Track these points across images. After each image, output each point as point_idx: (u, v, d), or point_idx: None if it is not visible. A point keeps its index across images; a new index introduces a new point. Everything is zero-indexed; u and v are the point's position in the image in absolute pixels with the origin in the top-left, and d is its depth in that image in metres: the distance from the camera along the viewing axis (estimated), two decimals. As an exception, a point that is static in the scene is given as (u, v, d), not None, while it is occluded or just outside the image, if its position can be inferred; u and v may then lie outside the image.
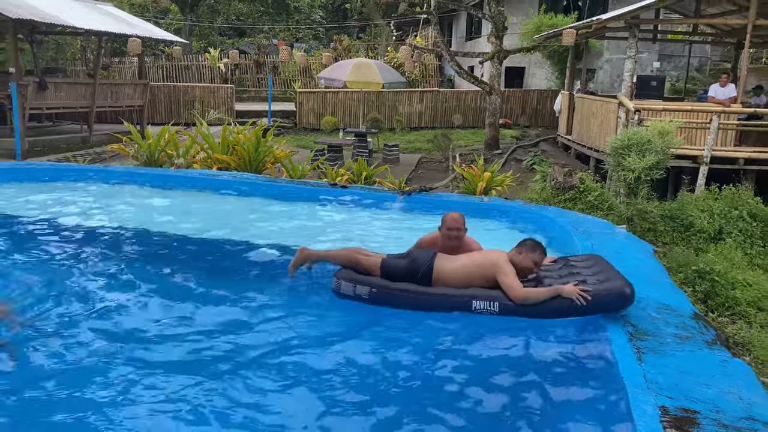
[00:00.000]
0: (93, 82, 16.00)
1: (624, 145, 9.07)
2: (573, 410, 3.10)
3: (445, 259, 4.33)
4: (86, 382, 3.24)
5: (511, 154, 15.72)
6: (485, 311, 4.10)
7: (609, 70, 22.62)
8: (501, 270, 4.14)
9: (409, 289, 4.26)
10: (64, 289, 4.50)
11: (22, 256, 5.23)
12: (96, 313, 4.15)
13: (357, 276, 4.40)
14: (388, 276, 4.34)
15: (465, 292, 4.18)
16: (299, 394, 3.24)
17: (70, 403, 3.08)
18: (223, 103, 20.49)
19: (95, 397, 3.12)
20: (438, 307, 4.18)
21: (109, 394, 3.15)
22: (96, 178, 8.56)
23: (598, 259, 4.51)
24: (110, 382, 3.25)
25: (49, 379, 3.27)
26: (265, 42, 30.05)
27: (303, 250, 4.71)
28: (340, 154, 13.78)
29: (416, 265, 4.30)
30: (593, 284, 4.03)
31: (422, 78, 25.21)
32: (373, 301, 4.29)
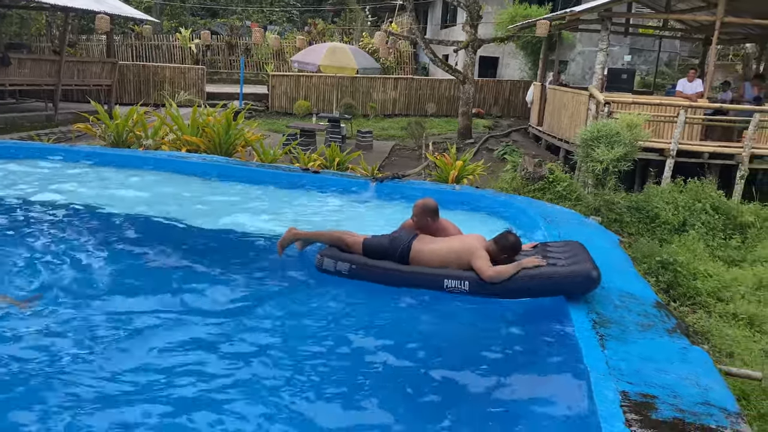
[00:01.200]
0: (59, 60, 15.58)
1: (593, 137, 9.21)
2: (537, 396, 3.16)
3: (424, 242, 4.49)
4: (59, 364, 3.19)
5: (483, 143, 15.82)
6: (456, 290, 4.24)
7: (581, 62, 22.87)
8: (475, 254, 4.28)
9: (385, 267, 4.44)
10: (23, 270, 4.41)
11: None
12: (59, 294, 4.08)
13: (339, 253, 4.61)
14: (369, 254, 4.53)
15: (438, 271, 4.33)
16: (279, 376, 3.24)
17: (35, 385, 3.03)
18: (193, 85, 20.14)
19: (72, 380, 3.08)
20: (412, 284, 4.35)
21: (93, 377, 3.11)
22: (61, 158, 8.36)
23: (575, 245, 4.60)
24: (90, 366, 3.21)
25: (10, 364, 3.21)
26: (238, 23, 29.55)
27: (291, 229, 4.89)
28: (313, 139, 13.69)
29: (395, 245, 4.48)
30: (562, 266, 4.14)
31: (397, 65, 25.14)
32: (352, 276, 4.50)
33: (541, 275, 4.10)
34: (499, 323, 4.07)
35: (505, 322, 4.10)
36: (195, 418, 2.88)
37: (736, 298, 6.46)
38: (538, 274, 4.11)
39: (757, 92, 12.99)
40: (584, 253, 4.34)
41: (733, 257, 7.82)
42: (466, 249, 4.34)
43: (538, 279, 4.10)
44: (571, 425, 2.92)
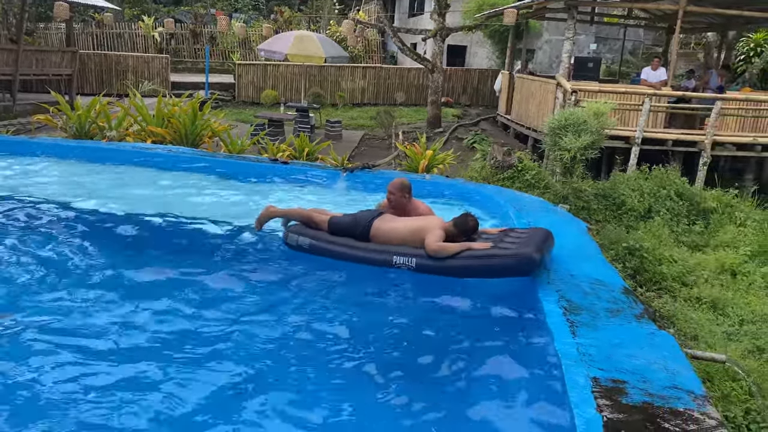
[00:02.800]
0: (16, 48, 15.06)
1: (561, 125, 9.28)
2: (508, 383, 3.19)
3: (385, 220, 4.68)
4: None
5: (453, 132, 15.86)
6: (404, 266, 4.43)
7: (548, 50, 23.06)
8: (429, 232, 4.43)
9: (339, 242, 4.68)
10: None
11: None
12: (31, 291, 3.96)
13: (303, 229, 4.86)
14: (334, 231, 4.76)
15: (388, 248, 4.52)
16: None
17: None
18: (157, 74, 19.71)
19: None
20: (363, 260, 4.58)
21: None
22: (20, 151, 8.10)
23: (539, 231, 4.68)
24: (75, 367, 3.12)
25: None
26: (203, 11, 28.98)
27: (269, 207, 5.18)
28: (281, 129, 13.54)
29: (356, 223, 4.70)
30: (506, 248, 4.27)
31: (365, 53, 24.99)
32: (312, 252, 4.75)
33: (483, 256, 4.27)
34: (469, 311, 4.10)
35: (475, 309, 4.14)
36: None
37: (700, 282, 6.61)
38: (480, 255, 4.28)
39: (720, 81, 13.29)
40: (540, 238, 4.45)
41: (696, 242, 8.01)
42: (423, 227, 4.51)
43: (479, 259, 4.27)
44: (543, 411, 2.95)
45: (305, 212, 5.02)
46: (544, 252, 4.31)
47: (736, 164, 12.68)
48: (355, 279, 4.53)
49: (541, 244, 4.37)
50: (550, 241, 4.55)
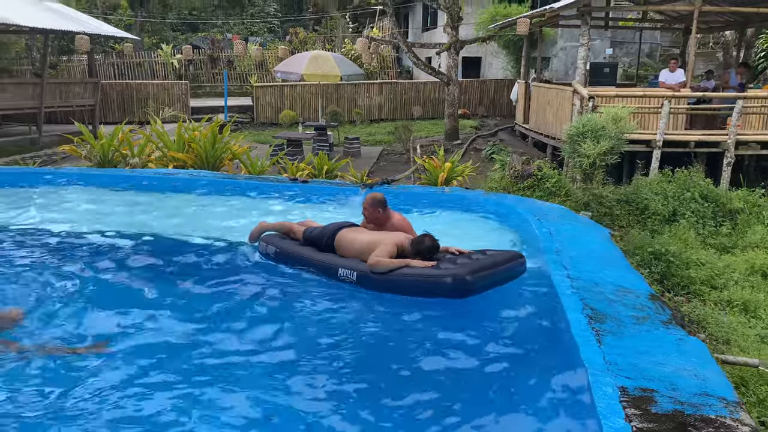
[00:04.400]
0: (40, 82, 15.48)
1: (579, 132, 9.22)
2: (535, 394, 3.15)
3: (349, 232, 4.79)
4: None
5: (471, 144, 15.84)
6: (347, 279, 4.49)
7: (563, 57, 22.98)
8: (380, 246, 4.44)
9: (295, 251, 4.89)
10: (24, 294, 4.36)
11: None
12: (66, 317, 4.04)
13: (272, 238, 5.16)
14: (306, 242, 4.96)
15: (336, 261, 4.62)
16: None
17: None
18: (177, 100, 20.06)
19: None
20: (316, 270, 4.72)
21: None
22: (48, 181, 8.29)
23: (503, 254, 4.55)
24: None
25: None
26: (219, 36, 29.49)
27: (261, 223, 5.52)
28: (300, 149, 13.66)
29: (323, 235, 4.85)
30: (446, 268, 4.20)
31: (380, 70, 25.16)
32: (277, 260, 5.00)
33: (418, 274, 4.22)
34: (492, 323, 4.07)
35: (498, 321, 4.11)
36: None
37: (730, 285, 6.47)
38: (413, 274, 4.24)
39: (740, 79, 13.10)
40: (492, 262, 4.32)
41: (724, 244, 7.85)
42: (377, 241, 4.53)
43: (414, 277, 4.23)
44: (571, 422, 2.91)
45: (287, 225, 5.26)
46: (486, 275, 4.20)
47: (761, 163, 12.44)
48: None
49: (490, 267, 4.26)
50: (511, 265, 4.43)
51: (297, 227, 5.14)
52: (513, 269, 4.46)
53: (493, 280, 4.29)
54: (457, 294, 4.15)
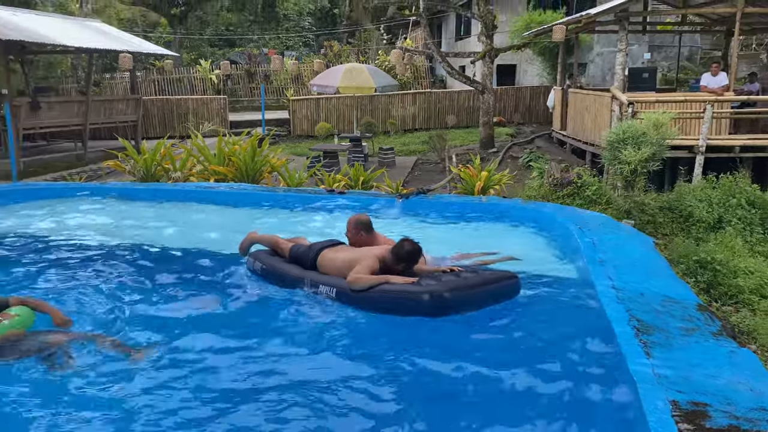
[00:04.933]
0: (85, 100, 15.99)
1: (619, 139, 9.07)
2: (582, 409, 3.09)
3: (332, 250, 4.72)
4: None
5: (507, 152, 15.73)
6: (326, 296, 4.41)
7: (600, 63, 22.66)
8: (360, 262, 4.36)
9: (282, 269, 4.82)
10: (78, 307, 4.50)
11: (24, 272, 5.21)
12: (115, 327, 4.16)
13: (259, 254, 5.13)
14: (292, 260, 4.89)
15: (317, 277, 4.55)
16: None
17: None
18: (216, 115, 20.47)
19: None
20: (299, 286, 4.62)
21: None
22: (94, 196, 8.54)
23: (489, 273, 4.46)
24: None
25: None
26: (256, 51, 30.02)
27: (251, 233, 5.44)
28: (336, 160, 13.77)
29: (308, 253, 4.77)
30: (426, 285, 4.09)
31: (414, 80, 25.23)
32: (263, 276, 4.95)
33: (396, 291, 4.12)
34: (534, 336, 4.01)
35: (540, 334, 4.04)
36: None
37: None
38: (391, 290, 4.14)
39: (786, 80, 12.73)
40: (477, 281, 4.23)
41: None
42: (357, 258, 4.44)
43: (392, 293, 4.13)
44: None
45: (274, 239, 5.18)
46: (468, 294, 4.11)
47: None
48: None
49: (474, 286, 4.17)
50: (500, 286, 4.34)
51: (284, 243, 5.07)
52: (502, 290, 4.34)
53: (478, 299, 4.18)
54: (435, 311, 4.03)
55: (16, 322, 3.79)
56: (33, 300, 4.16)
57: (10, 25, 13.67)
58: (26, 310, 3.97)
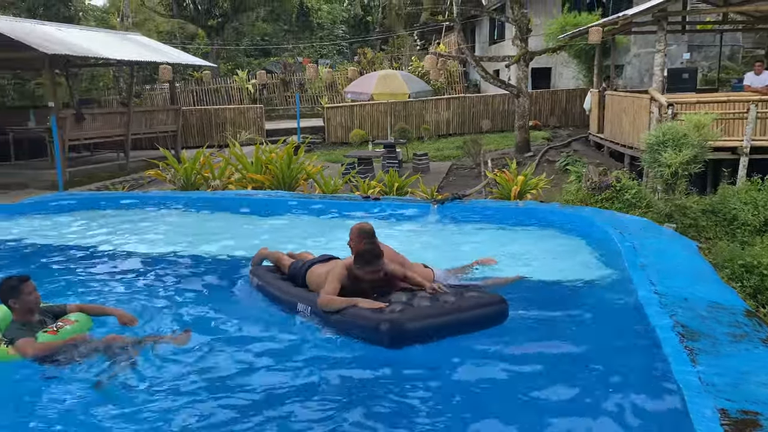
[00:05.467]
0: (127, 111, 16.41)
1: (659, 141, 8.89)
2: (628, 418, 3.03)
3: (318, 266, 4.55)
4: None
5: (543, 155, 15.55)
6: (303, 314, 4.24)
7: (637, 65, 22.26)
8: (328, 279, 4.19)
9: (273, 285, 4.70)
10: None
11: (72, 281, 5.37)
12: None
13: (258, 270, 5.05)
14: (290, 277, 4.74)
15: (299, 293, 4.43)
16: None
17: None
18: (253, 123, 20.78)
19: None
20: (283, 304, 4.50)
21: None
22: (137, 204, 8.76)
23: (471, 298, 4.10)
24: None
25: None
26: (291, 60, 30.42)
27: (262, 249, 5.32)
28: (371, 167, 13.82)
29: (299, 269, 4.65)
30: (384, 313, 3.82)
31: (447, 85, 25.19)
32: (259, 292, 4.83)
33: (360, 317, 3.86)
34: (576, 344, 3.94)
35: (582, 342, 3.97)
36: None
37: (833, 299, 6.03)
38: (358, 315, 3.88)
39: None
40: (450, 307, 3.92)
41: (824, 256, 7.32)
42: (328, 271, 4.26)
43: (356, 319, 3.88)
44: (668, 446, 2.79)
45: (277, 256, 5.06)
46: (438, 323, 3.80)
47: None
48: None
49: (447, 313, 3.86)
50: (483, 312, 3.99)
51: (286, 260, 4.91)
52: (485, 316, 4.00)
53: (450, 327, 3.85)
54: (393, 343, 3.70)
55: (77, 327, 3.91)
56: (90, 306, 4.28)
57: (55, 40, 14.15)
58: (83, 317, 4.08)
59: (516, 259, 5.76)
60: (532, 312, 4.39)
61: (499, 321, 4.05)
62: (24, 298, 3.83)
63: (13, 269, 5.78)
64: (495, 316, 4.05)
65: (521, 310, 4.30)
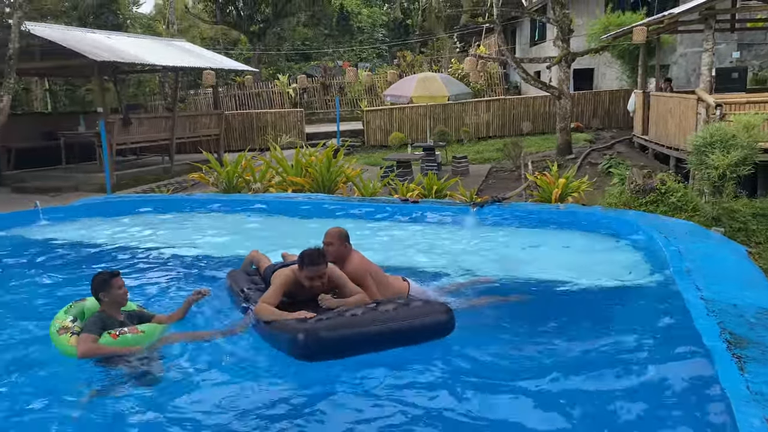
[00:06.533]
0: (172, 116, 16.83)
1: (706, 142, 8.66)
2: (675, 425, 2.96)
3: (280, 270, 4.32)
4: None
5: (585, 158, 15.29)
6: (252, 322, 4.05)
7: (684, 64, 21.67)
8: (273, 282, 4.06)
9: (235, 290, 4.58)
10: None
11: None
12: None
13: (232, 273, 4.93)
14: (264, 280, 4.55)
15: (254, 297, 4.26)
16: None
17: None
18: (293, 127, 21.04)
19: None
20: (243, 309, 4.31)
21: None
22: (184, 207, 8.98)
23: (409, 310, 3.76)
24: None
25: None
26: (331, 64, 30.69)
27: (253, 252, 5.19)
28: (410, 170, 13.83)
29: (269, 273, 4.43)
30: (305, 323, 3.60)
31: (487, 87, 25.01)
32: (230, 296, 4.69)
33: (283, 329, 3.65)
34: (620, 351, 3.85)
35: (626, 350, 3.87)
36: None
37: None
38: (280, 326, 3.69)
39: None
40: (380, 317, 3.63)
41: None
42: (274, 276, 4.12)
43: (280, 331, 3.68)
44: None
45: (258, 258, 4.99)
46: (362, 333, 3.55)
47: None
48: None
49: (372, 323, 3.58)
50: (421, 322, 3.68)
51: (264, 262, 4.78)
52: (424, 327, 3.69)
53: (381, 340, 3.58)
54: (308, 355, 3.50)
55: (138, 338, 3.91)
56: (167, 317, 4.27)
57: (104, 47, 14.63)
58: (152, 328, 4.06)
59: (557, 263, 5.69)
60: (574, 317, 4.33)
61: (443, 333, 3.75)
62: (114, 292, 3.97)
63: (66, 269, 6.02)
64: (438, 328, 3.73)
65: (564, 316, 4.25)
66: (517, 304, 4.70)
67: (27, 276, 5.86)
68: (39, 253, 6.76)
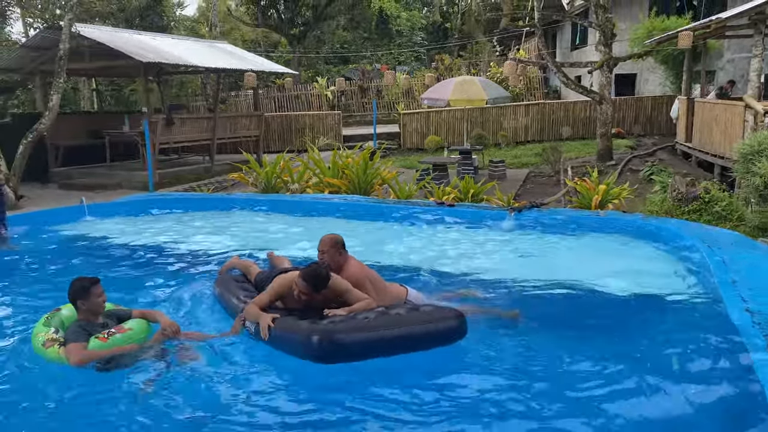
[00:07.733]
0: (213, 116, 17.14)
1: (754, 150, 8.41)
2: (716, 428, 2.88)
3: (280, 276, 4.30)
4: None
5: (627, 164, 15.01)
6: (249, 331, 4.00)
7: (731, 70, 21.07)
8: (270, 285, 4.07)
9: (225, 297, 4.57)
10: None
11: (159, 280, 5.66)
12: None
13: (221, 279, 4.93)
14: (257, 286, 4.58)
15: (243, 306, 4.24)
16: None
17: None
18: (331, 129, 21.21)
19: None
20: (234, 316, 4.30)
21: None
22: (221, 207, 9.14)
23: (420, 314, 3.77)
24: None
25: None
26: (369, 67, 30.83)
27: (234, 258, 5.43)
28: (446, 173, 13.79)
29: (264, 279, 4.48)
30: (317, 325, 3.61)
31: (527, 91, 24.77)
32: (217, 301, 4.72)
33: (285, 329, 3.68)
34: (664, 366, 3.73)
35: (670, 364, 3.75)
36: None
37: None
38: (284, 327, 3.71)
39: None
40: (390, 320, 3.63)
41: None
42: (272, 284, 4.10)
43: (281, 331, 3.70)
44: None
45: (245, 264, 5.05)
46: (375, 337, 3.53)
47: None
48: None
49: (386, 327, 3.58)
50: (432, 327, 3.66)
51: (254, 269, 4.79)
52: (436, 332, 3.66)
53: (392, 345, 3.58)
54: (325, 357, 3.49)
55: (128, 336, 3.88)
56: (150, 312, 4.24)
57: (149, 49, 14.99)
58: (139, 324, 4.03)
59: (596, 271, 5.59)
60: (615, 327, 4.25)
61: (456, 337, 3.73)
62: (92, 300, 3.89)
63: (105, 266, 6.18)
64: (451, 333, 3.71)
65: (601, 323, 4.17)
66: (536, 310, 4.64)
67: (73, 272, 6.03)
68: (84, 248, 6.96)
